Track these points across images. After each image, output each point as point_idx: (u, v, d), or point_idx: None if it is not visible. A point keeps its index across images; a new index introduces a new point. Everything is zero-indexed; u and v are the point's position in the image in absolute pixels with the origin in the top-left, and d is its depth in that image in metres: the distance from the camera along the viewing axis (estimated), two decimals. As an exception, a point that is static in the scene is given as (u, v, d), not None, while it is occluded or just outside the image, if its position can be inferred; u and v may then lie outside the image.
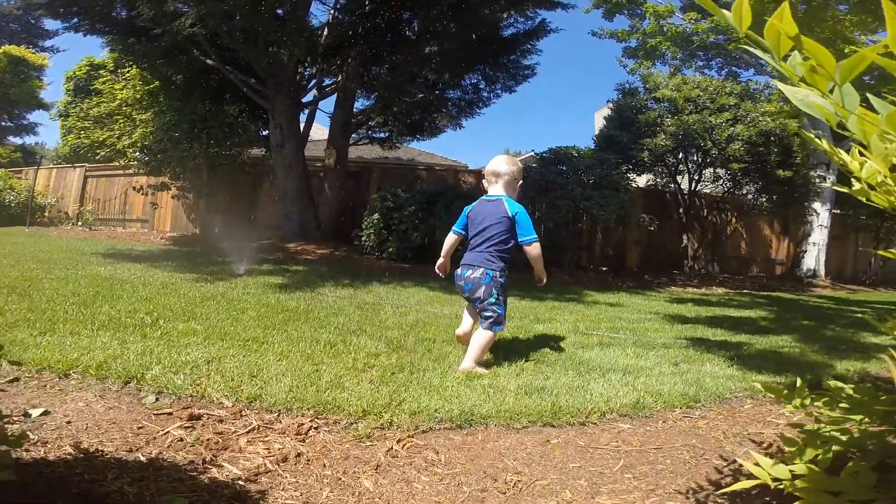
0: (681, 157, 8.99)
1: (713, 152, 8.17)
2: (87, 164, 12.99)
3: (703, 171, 9.22)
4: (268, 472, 1.35)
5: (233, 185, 9.70)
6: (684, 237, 9.85)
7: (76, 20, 7.72)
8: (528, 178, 8.20)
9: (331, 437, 1.53)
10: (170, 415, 1.62)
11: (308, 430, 1.56)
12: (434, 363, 2.20)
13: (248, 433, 1.54)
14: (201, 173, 9.08)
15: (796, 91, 0.76)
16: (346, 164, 9.61)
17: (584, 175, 7.53)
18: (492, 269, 2.19)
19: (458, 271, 2.30)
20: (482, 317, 2.23)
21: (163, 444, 1.45)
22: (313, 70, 9.33)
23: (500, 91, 10.32)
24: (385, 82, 8.94)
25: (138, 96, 12.10)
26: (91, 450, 1.43)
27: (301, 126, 9.32)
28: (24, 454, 1.31)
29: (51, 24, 15.16)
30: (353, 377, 1.92)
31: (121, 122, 13.32)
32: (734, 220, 10.13)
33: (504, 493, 1.29)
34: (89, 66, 16.41)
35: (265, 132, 9.60)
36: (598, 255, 9.54)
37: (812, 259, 10.31)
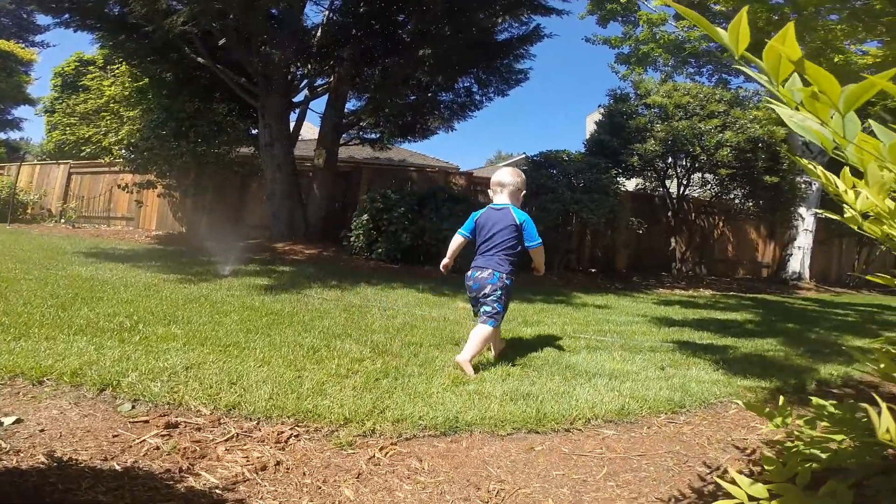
0: (670, 161, 9.07)
1: (702, 158, 8.25)
2: (71, 161, 12.77)
3: (692, 176, 9.31)
4: (246, 481, 1.32)
5: (220, 183, 9.59)
6: (672, 240, 9.93)
7: (67, 16, 7.61)
8: (519, 181, 8.20)
9: (311, 446, 1.50)
10: (146, 423, 1.58)
11: (288, 438, 1.53)
12: (420, 368, 2.17)
13: (226, 441, 1.50)
14: (188, 171, 8.97)
15: (793, 114, 0.73)
16: (336, 164, 9.55)
17: (574, 179, 7.57)
18: (499, 272, 2.34)
19: (469, 273, 2.44)
20: (482, 311, 2.34)
21: (139, 453, 1.41)
22: (305, 70, 9.26)
23: (492, 94, 10.33)
24: (377, 84, 8.90)
25: (127, 93, 11.92)
26: (65, 458, 1.39)
27: (291, 126, 9.25)
28: (-5, 463, 1.27)
29: (42, 19, 14.94)
30: (336, 383, 1.89)
31: (108, 118, 13.11)
32: (721, 223, 10.24)
33: (487, 502, 1.28)
34: (78, 63, 16.15)
35: (254, 131, 9.51)
36: (588, 258, 9.58)
37: (797, 262, 10.46)
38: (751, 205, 9.14)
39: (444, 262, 2.52)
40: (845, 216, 0.88)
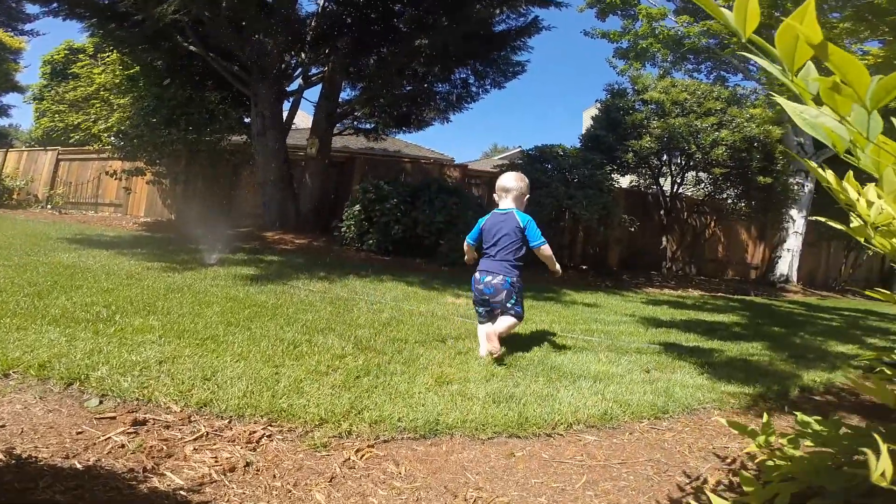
0: (665, 159, 9.04)
1: (697, 156, 8.22)
2: (59, 148, 12.58)
3: (686, 175, 9.29)
4: (213, 483, 1.28)
5: (211, 171, 9.47)
6: (664, 239, 9.95)
7: (56, 5, 7.44)
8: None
9: (284, 446, 1.46)
10: (113, 419, 1.53)
11: (260, 439, 1.48)
12: (403, 366, 2.13)
13: (195, 440, 1.46)
14: (179, 159, 8.84)
15: (804, 110, 0.66)
16: (329, 153, 9.44)
17: (568, 174, 7.53)
18: (510, 277, 2.47)
19: (477, 276, 2.55)
20: (506, 312, 2.50)
21: (102, 451, 1.36)
22: (299, 59, 9.12)
23: (489, 86, 10.24)
24: (372, 73, 8.78)
25: (117, 81, 11.72)
26: (24, 456, 1.33)
27: (284, 114, 9.13)
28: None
29: (31, 7, 14.56)
30: (314, 381, 1.84)
31: (97, 106, 12.91)
32: (713, 223, 10.26)
33: (462, 509, 1.24)
34: (68, 51, 15.90)
35: (247, 119, 9.37)
36: (580, 254, 9.57)
37: (786, 264, 10.51)
38: (743, 205, 9.15)
39: (467, 258, 2.78)
40: (852, 226, 0.83)
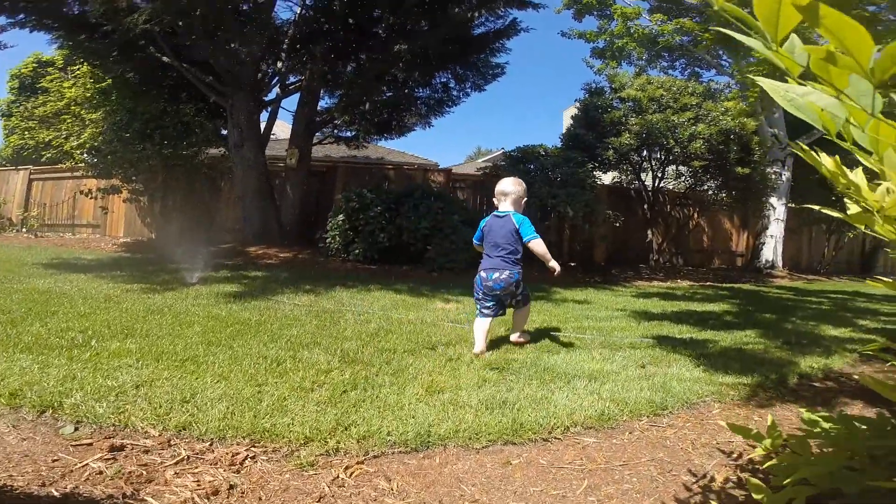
0: (644, 155, 9.13)
1: (676, 150, 8.31)
2: (31, 167, 12.22)
3: (666, 169, 9.39)
4: (194, 513, 1.19)
5: (190, 186, 9.28)
6: (649, 232, 10.01)
7: (22, 16, 7.20)
8: (497, 177, 8.11)
9: (269, 467, 1.38)
10: (89, 446, 1.46)
11: (243, 460, 1.40)
12: (392, 377, 2.05)
13: (175, 464, 1.38)
14: (155, 175, 8.64)
15: (788, 89, 0.60)
16: (310, 163, 9.33)
17: (551, 173, 7.53)
18: (515, 271, 2.71)
19: (484, 275, 2.73)
20: (517, 301, 2.80)
21: (80, 478, 1.30)
22: (276, 68, 9.00)
23: (469, 90, 10.22)
24: (351, 80, 8.70)
25: (88, 95, 11.42)
26: (-1, 485, 1.25)
27: (262, 125, 9.00)
28: None
29: None
30: (299, 398, 1.76)
31: (69, 121, 12.57)
32: (696, 214, 10.36)
33: (460, 526, 1.17)
34: (36, 64, 15.48)
35: (224, 131, 9.22)
36: (567, 252, 9.58)
37: (770, 251, 10.65)
38: (724, 195, 9.26)
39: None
40: (850, 213, 0.77)
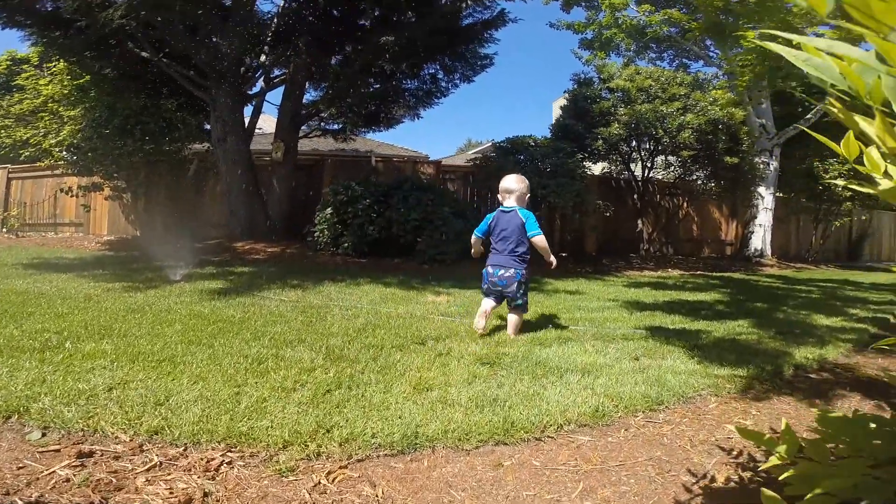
0: (634, 145, 9.11)
1: (665, 140, 8.30)
2: (10, 166, 11.90)
3: (655, 159, 9.39)
4: (165, 527, 1.12)
5: (174, 182, 9.09)
6: (639, 222, 10.02)
7: None
8: (487, 168, 8.09)
9: (246, 473, 1.30)
10: (57, 452, 1.38)
11: (219, 466, 1.32)
12: (378, 375, 1.98)
13: (147, 471, 1.30)
14: (138, 171, 8.43)
15: (809, 41, 0.52)
16: (296, 157, 9.17)
17: (540, 163, 7.48)
18: (520, 270, 2.78)
19: (490, 270, 2.84)
20: (514, 305, 2.82)
21: (46, 486, 1.22)
22: (260, 61, 8.81)
23: (458, 81, 10.08)
24: (336, 73, 8.54)
25: (66, 92, 11.11)
26: (-45, 499, 1.17)
27: (246, 119, 8.81)
28: None
29: None
30: (280, 399, 1.68)
31: (47, 119, 12.23)
32: (686, 204, 10.39)
33: (449, 534, 1.11)
34: (10, 61, 15.08)
35: (208, 126, 9.02)
36: (557, 242, 9.55)
37: (759, 239, 10.72)
38: (713, 185, 9.31)
39: (473, 251, 3.07)
40: (882, 188, 0.70)
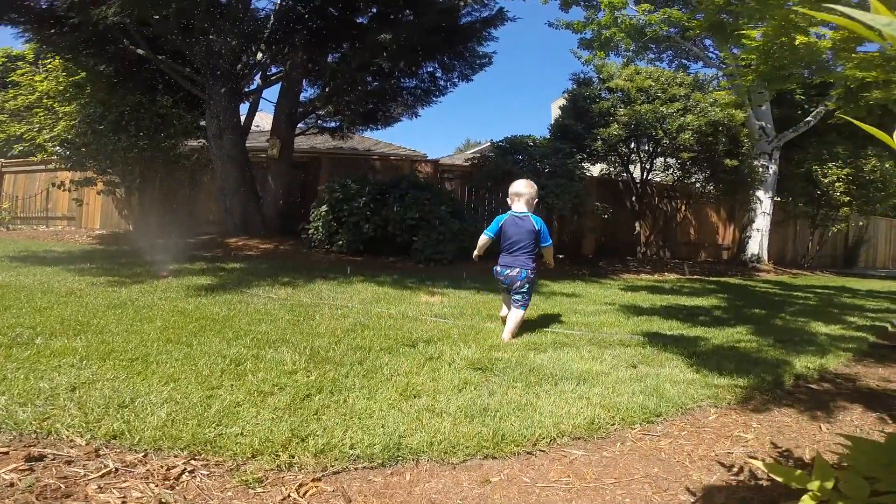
0: (633, 146, 9.03)
1: (664, 142, 8.22)
2: (2, 160, 11.79)
3: (655, 161, 9.31)
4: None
5: (169, 178, 8.99)
6: (637, 224, 9.95)
7: None
8: (485, 168, 8.01)
9: (209, 483, 1.21)
10: (5, 455, 1.29)
11: (180, 475, 1.23)
12: (363, 379, 1.88)
13: (100, 478, 1.21)
14: (132, 167, 8.32)
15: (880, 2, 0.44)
16: (292, 154, 9.06)
17: (539, 164, 7.40)
18: (526, 270, 2.90)
19: (499, 269, 2.98)
20: (515, 300, 2.91)
21: None
22: (257, 58, 8.69)
23: (457, 80, 9.99)
24: (333, 71, 8.43)
25: (61, 88, 11.01)
26: None
27: (242, 116, 8.71)
28: None
29: None
30: (254, 404, 1.58)
31: (41, 115, 12.12)
32: (684, 207, 10.32)
33: (428, 558, 1.01)
34: (6, 58, 14.97)
35: (203, 122, 8.90)
36: (555, 244, 9.39)
37: (756, 244, 10.65)
38: (711, 188, 9.23)
39: (475, 254, 3.14)
40: None
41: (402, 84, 9.99)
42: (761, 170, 10.01)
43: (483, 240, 3.04)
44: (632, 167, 9.59)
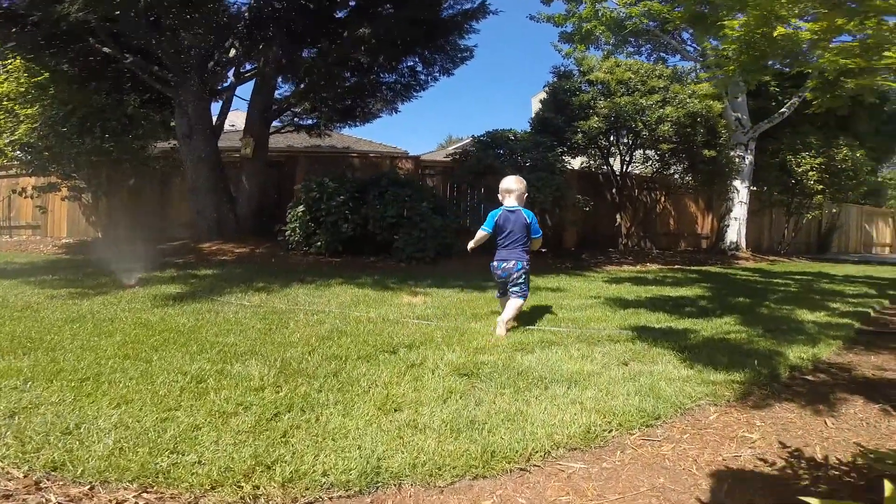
0: (613, 139, 9.03)
1: (644, 133, 8.22)
2: (-40, 166, 11.18)
3: (634, 153, 9.33)
4: None
5: (138, 182, 8.64)
6: (618, 216, 9.97)
7: None
8: (467, 163, 7.88)
9: (165, 528, 1.06)
10: None
11: (131, 517, 1.07)
12: (338, 393, 1.73)
13: (39, 523, 1.04)
14: (98, 171, 7.95)
15: None
16: (268, 153, 8.79)
17: (520, 158, 7.32)
18: (521, 262, 3.04)
19: (495, 264, 3.10)
20: (513, 291, 3.01)
21: None
22: (229, 55, 8.38)
23: (438, 74, 9.82)
24: (310, 67, 8.18)
25: (23, 90, 10.50)
26: None
27: (215, 115, 8.40)
28: None
29: None
30: (215, 427, 1.42)
31: (1, 118, 11.57)
32: (663, 198, 10.39)
33: None
34: (-37, 60, 14.18)
35: (173, 123, 8.56)
36: (538, 239, 9.41)
37: (734, 233, 10.80)
38: (690, 179, 9.31)
39: (471, 245, 3.22)
40: None
41: (381, 79, 9.79)
42: (738, 160, 10.15)
43: (481, 234, 3.19)
44: (612, 160, 9.59)
